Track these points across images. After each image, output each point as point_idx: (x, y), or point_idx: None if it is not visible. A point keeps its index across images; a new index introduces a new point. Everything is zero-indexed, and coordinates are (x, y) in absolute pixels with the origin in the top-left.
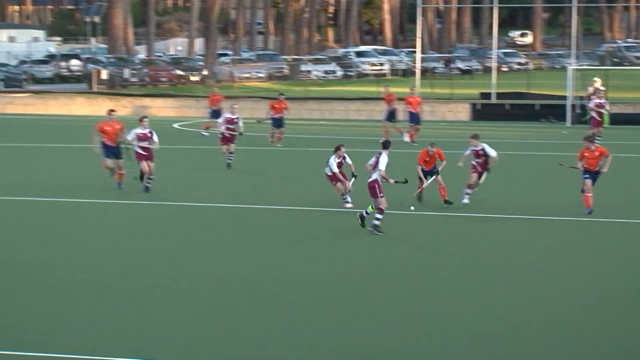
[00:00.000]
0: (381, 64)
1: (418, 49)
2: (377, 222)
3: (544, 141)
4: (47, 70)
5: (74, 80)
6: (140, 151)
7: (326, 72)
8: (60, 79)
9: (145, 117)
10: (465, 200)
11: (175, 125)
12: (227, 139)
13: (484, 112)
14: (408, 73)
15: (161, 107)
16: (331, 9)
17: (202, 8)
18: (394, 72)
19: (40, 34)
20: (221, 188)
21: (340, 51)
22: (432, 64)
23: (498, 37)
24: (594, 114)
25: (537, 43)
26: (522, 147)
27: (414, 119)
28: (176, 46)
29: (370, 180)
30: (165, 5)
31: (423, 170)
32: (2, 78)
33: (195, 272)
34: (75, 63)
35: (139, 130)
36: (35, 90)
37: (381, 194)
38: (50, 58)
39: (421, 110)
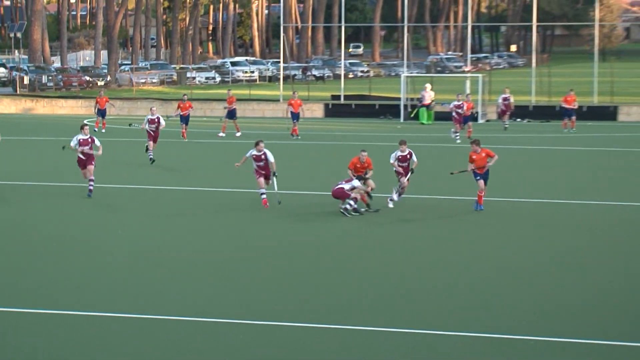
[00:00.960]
0: (252, 72)
1: (281, 59)
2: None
3: (382, 134)
4: None
5: (1, 85)
6: (80, 156)
7: (207, 78)
8: None
9: (86, 124)
10: (391, 204)
11: (87, 122)
12: (151, 137)
13: (335, 110)
14: (274, 79)
15: (73, 107)
16: (211, 27)
17: (106, 26)
18: (262, 78)
19: None
20: (146, 173)
21: (219, 61)
22: (293, 72)
23: (344, 50)
24: (454, 114)
25: (376, 55)
26: (366, 139)
27: (295, 117)
28: (85, 57)
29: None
30: (75, 23)
31: (354, 175)
32: None
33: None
34: (2, 71)
35: (80, 137)
36: None
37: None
38: None
39: (301, 110)
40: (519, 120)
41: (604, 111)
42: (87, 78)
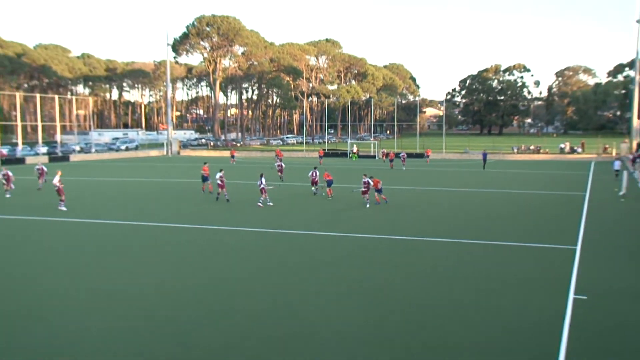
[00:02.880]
0: (293, 140)
1: (304, 135)
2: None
3: (339, 164)
4: (195, 142)
5: (204, 145)
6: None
7: (277, 142)
8: (199, 145)
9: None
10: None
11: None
12: (220, 186)
13: (326, 154)
14: (302, 143)
15: (229, 152)
16: (278, 123)
17: (240, 124)
18: (298, 142)
19: (193, 132)
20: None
21: (281, 136)
22: (308, 140)
23: (327, 131)
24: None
25: (339, 133)
26: (335, 165)
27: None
28: (232, 135)
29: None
30: (229, 122)
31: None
32: (182, 145)
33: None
34: (203, 140)
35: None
36: (192, 148)
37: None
38: (196, 139)
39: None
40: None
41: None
42: (234, 142)
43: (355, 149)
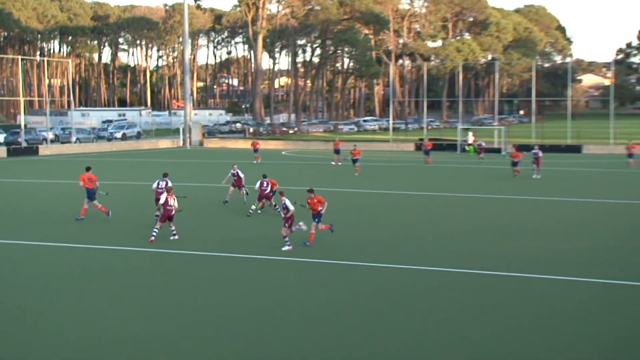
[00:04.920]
0: (374, 125)
1: (391, 118)
2: None
3: (444, 160)
4: (226, 128)
5: (238, 132)
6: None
7: (350, 128)
8: (231, 132)
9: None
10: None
11: (283, 152)
12: (234, 185)
13: (419, 146)
14: (387, 129)
15: (276, 144)
16: (352, 99)
17: (294, 100)
18: (381, 128)
19: (223, 112)
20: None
21: (356, 119)
22: (398, 125)
23: (427, 113)
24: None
25: (444, 116)
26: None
27: (340, 153)
28: (282, 117)
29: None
30: (277, 98)
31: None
32: (206, 131)
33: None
34: (238, 125)
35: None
36: (221, 137)
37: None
38: (227, 123)
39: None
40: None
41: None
42: (284, 128)
43: (471, 138)
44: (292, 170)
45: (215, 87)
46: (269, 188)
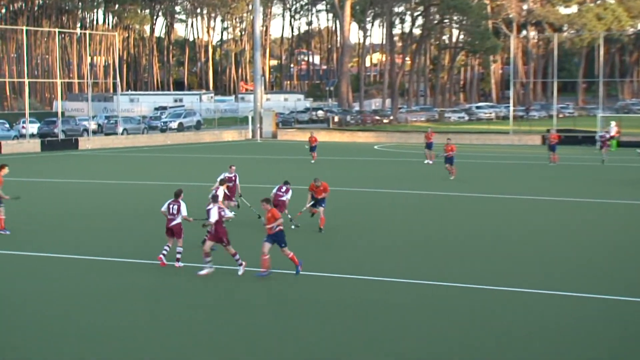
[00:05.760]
0: (490, 113)
1: (511, 104)
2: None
3: (582, 157)
4: (305, 116)
5: (319, 122)
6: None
7: (459, 117)
8: (312, 121)
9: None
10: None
11: (375, 147)
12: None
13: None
14: (506, 118)
15: (367, 137)
16: (462, 81)
17: (390, 82)
18: (498, 117)
19: (301, 96)
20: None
21: (467, 105)
22: (520, 113)
23: (558, 97)
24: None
25: (579, 101)
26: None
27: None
28: (375, 103)
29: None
30: (369, 80)
31: (313, 197)
32: (280, 120)
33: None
34: (320, 113)
35: (227, 174)
36: (299, 127)
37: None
38: (307, 110)
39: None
40: None
41: None
42: (377, 117)
43: (614, 130)
44: (384, 168)
45: (292, 66)
46: (286, 196)
